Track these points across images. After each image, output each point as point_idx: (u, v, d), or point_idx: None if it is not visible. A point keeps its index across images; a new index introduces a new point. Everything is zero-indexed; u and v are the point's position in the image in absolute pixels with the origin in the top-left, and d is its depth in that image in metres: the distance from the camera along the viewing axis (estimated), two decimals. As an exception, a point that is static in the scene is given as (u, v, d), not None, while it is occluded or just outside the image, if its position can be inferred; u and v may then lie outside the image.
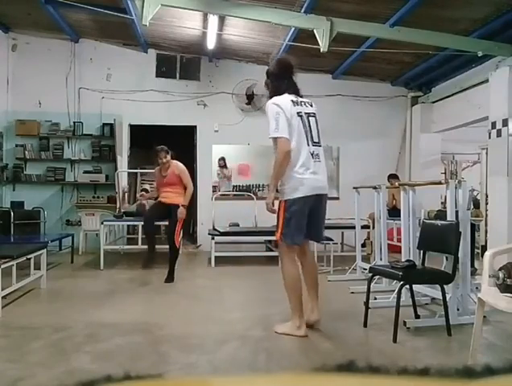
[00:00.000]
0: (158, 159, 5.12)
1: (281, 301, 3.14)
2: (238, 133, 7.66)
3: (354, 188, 5.28)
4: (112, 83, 7.62)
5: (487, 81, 5.83)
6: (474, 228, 5.40)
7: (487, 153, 6.69)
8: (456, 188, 3.48)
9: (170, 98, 7.70)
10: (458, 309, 3.37)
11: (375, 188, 4.84)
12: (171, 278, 4.97)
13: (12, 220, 6.47)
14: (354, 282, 4.66)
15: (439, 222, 3.51)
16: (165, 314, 3.69)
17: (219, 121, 7.80)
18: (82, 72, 7.58)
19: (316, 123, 3.08)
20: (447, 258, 3.47)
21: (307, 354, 2.78)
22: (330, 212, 3.54)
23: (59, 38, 7.39)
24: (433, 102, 7.62)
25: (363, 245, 6.08)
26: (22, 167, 7.53)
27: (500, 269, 3.47)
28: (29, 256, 4.15)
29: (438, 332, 3.09)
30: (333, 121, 7.15)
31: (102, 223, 5.92)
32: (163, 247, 5.29)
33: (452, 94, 7.00)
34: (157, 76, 7.75)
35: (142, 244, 6.27)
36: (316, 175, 3.00)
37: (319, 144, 3.05)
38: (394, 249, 5.20)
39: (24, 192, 7.46)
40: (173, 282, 4.92)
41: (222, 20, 6.07)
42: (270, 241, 6.71)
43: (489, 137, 5.72)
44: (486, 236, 6.29)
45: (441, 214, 4.88)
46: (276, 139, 2.92)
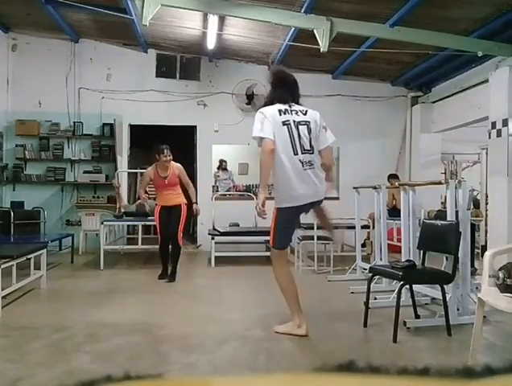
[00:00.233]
0: (161, 157, 4.96)
1: (281, 301, 3.14)
2: (238, 133, 7.65)
3: (354, 188, 5.28)
4: (112, 83, 7.62)
5: (487, 81, 5.83)
6: (474, 228, 5.40)
7: (487, 153, 6.68)
8: (456, 188, 3.48)
9: (170, 98, 7.70)
10: (458, 309, 3.37)
11: (375, 188, 4.84)
12: (173, 278, 4.97)
13: (12, 220, 6.48)
14: (354, 282, 4.66)
15: (439, 222, 3.51)
16: (165, 314, 3.69)
17: (219, 121, 7.80)
18: (82, 72, 7.58)
19: (309, 130, 3.02)
20: (447, 258, 3.47)
21: (307, 354, 2.78)
22: (330, 212, 3.54)
23: (59, 38, 7.39)
24: (433, 102, 7.62)
25: (363, 245, 6.08)
26: (22, 167, 7.53)
27: (500, 269, 3.47)
28: (29, 256, 4.15)
29: (438, 332, 3.09)
30: (333, 121, 7.05)
31: (102, 223, 5.92)
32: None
33: (452, 94, 6.99)
34: (157, 76, 7.74)
35: (142, 244, 6.28)
36: (307, 184, 2.98)
37: (310, 151, 3.01)
38: (394, 249, 5.20)
39: (24, 192, 7.46)
40: (174, 282, 4.92)
41: (222, 20, 6.07)
42: (270, 241, 6.71)
43: (489, 137, 5.72)
44: (486, 236, 6.29)
45: (441, 214, 4.88)
46: (260, 140, 2.95)
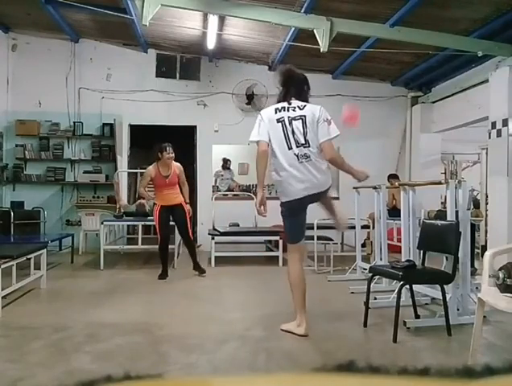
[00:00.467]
0: (164, 154, 4.96)
1: (281, 301, 3.14)
2: (238, 133, 7.64)
3: (354, 188, 5.27)
4: (112, 83, 7.62)
5: (487, 81, 5.83)
6: (474, 228, 5.40)
7: (487, 153, 6.69)
8: (456, 188, 3.48)
9: (170, 98, 7.70)
10: (458, 309, 3.37)
11: (375, 188, 4.83)
12: (201, 269, 5.28)
13: (12, 220, 6.48)
14: (354, 282, 4.66)
15: (439, 222, 3.51)
16: (165, 314, 3.69)
17: (219, 121, 7.80)
18: (82, 72, 7.58)
19: (304, 125, 3.06)
20: (447, 258, 3.47)
21: (307, 354, 2.78)
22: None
23: (59, 38, 7.39)
24: (433, 102, 7.62)
25: (363, 245, 6.07)
26: (22, 167, 7.53)
27: (500, 269, 3.47)
28: (29, 256, 4.15)
29: (438, 332, 3.09)
30: (333, 121, 7.13)
31: (102, 223, 5.92)
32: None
33: (452, 94, 6.99)
34: (157, 76, 7.75)
35: (142, 244, 6.28)
36: (304, 177, 3.00)
37: (305, 145, 3.03)
38: (394, 249, 5.20)
39: (24, 192, 7.46)
40: (205, 273, 5.26)
41: (222, 20, 6.07)
42: (270, 241, 6.71)
43: (489, 137, 5.72)
44: (486, 236, 6.29)
45: (441, 214, 4.88)
46: (257, 143, 3.07)
